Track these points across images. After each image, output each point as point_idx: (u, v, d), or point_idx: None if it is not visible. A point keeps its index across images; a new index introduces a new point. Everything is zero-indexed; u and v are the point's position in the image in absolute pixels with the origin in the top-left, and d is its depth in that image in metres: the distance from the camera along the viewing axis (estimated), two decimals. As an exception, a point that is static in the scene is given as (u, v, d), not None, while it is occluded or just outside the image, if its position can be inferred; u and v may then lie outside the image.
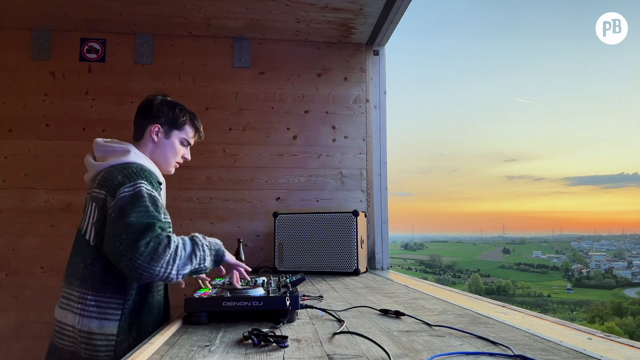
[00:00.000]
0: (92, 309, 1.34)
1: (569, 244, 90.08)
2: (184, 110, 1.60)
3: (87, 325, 1.34)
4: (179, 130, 1.58)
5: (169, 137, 1.56)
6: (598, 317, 36.80)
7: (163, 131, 1.55)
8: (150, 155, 1.55)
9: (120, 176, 1.35)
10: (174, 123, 1.56)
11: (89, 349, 1.33)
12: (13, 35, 3.13)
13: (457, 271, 71.08)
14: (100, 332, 1.33)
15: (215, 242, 1.41)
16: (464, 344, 1.04)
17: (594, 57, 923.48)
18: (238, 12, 2.97)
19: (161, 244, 1.24)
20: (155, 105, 1.55)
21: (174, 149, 1.58)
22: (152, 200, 1.33)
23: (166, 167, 1.59)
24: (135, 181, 1.34)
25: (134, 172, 1.37)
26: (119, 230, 1.26)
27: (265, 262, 2.96)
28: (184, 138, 1.60)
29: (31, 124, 3.08)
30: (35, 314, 2.87)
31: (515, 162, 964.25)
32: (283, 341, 1.02)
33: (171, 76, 3.23)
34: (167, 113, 1.56)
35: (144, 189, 1.33)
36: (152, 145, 1.55)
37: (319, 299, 1.72)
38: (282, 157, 3.28)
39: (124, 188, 1.32)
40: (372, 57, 3.43)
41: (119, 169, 1.39)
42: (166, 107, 1.56)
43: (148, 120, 1.55)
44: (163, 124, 1.55)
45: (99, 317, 1.34)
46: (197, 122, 1.63)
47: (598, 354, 0.96)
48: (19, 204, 3.02)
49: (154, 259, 1.22)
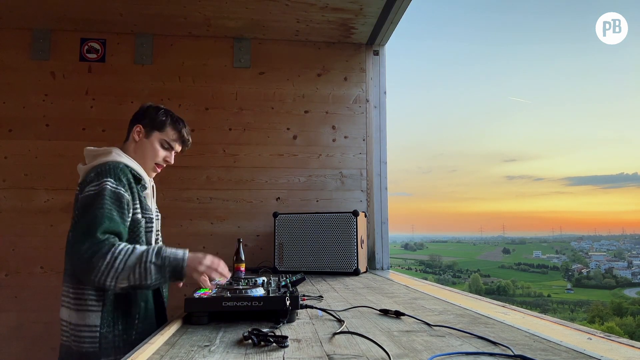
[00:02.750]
0: (74, 300, 1.40)
1: (569, 244, 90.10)
2: (167, 113, 1.63)
3: (73, 317, 1.40)
4: (159, 132, 1.61)
5: (149, 137, 1.60)
6: (598, 317, 36.80)
7: (144, 132, 1.60)
8: (133, 155, 1.58)
9: (93, 174, 1.42)
10: (154, 123, 1.60)
11: (77, 341, 1.38)
12: (13, 35, 3.13)
13: (457, 271, 71.07)
14: (85, 324, 1.38)
15: (175, 257, 1.32)
16: (464, 344, 1.04)
17: (594, 57, 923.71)
18: (238, 12, 2.97)
19: (98, 252, 1.26)
20: (143, 108, 1.64)
21: (153, 149, 1.60)
22: (114, 196, 1.37)
23: (144, 167, 1.60)
24: (101, 179, 1.39)
25: (105, 170, 1.41)
26: (75, 227, 1.35)
27: (265, 262, 2.96)
28: (164, 139, 1.61)
29: (31, 124, 3.08)
30: (35, 314, 2.87)
31: (515, 162, 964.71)
32: (283, 341, 1.02)
33: (171, 76, 3.23)
34: (151, 114, 1.61)
35: (108, 187, 1.37)
36: (134, 144, 1.60)
37: (319, 299, 1.72)
38: (282, 157, 3.28)
39: (90, 186, 1.38)
40: (372, 57, 3.43)
41: (95, 168, 1.45)
42: (152, 109, 1.63)
43: (134, 122, 1.62)
44: (145, 124, 1.60)
45: (81, 309, 1.39)
46: (179, 126, 1.64)
47: (598, 354, 0.96)
48: (19, 204, 3.02)
49: (90, 266, 1.25)
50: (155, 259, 1.30)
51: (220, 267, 1.35)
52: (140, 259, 1.29)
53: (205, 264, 1.35)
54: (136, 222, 1.47)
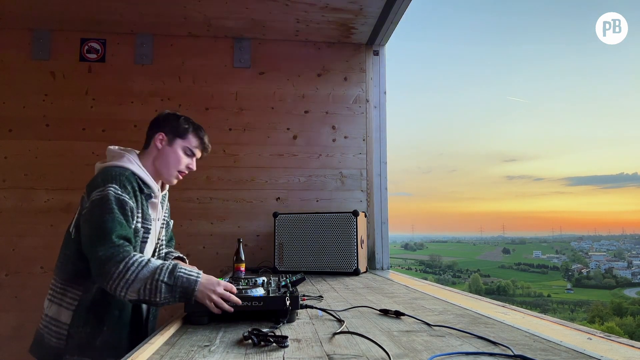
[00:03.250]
0: (55, 294, 1.45)
1: (568, 244, 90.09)
2: (188, 121, 1.64)
3: (51, 309, 1.44)
4: (182, 139, 1.61)
5: (172, 145, 1.60)
6: (598, 317, 36.79)
7: (167, 139, 1.60)
8: (153, 163, 1.59)
9: (100, 178, 1.42)
10: (177, 131, 1.61)
11: (48, 333, 1.43)
12: (13, 35, 3.13)
13: (457, 271, 71.06)
14: (57, 319, 1.42)
15: (187, 279, 1.26)
16: (464, 344, 1.04)
17: (594, 57, 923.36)
18: (238, 12, 2.97)
19: (113, 259, 1.26)
20: (162, 116, 1.64)
21: (177, 156, 1.61)
22: (118, 203, 1.37)
23: (167, 176, 1.62)
24: (106, 185, 1.39)
25: (111, 176, 1.42)
26: (87, 231, 1.36)
27: (265, 262, 2.96)
28: (187, 147, 1.63)
29: (31, 124, 3.08)
30: (35, 314, 2.83)
31: (515, 162, 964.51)
32: (283, 341, 1.02)
33: (171, 76, 3.23)
34: (172, 122, 1.61)
35: (112, 192, 1.37)
36: (155, 152, 1.60)
37: (319, 299, 1.72)
38: (282, 157, 3.28)
39: (97, 191, 1.39)
40: (372, 57, 3.43)
41: (103, 171, 1.46)
42: (171, 117, 1.63)
43: (154, 130, 1.61)
44: (167, 132, 1.60)
45: (58, 303, 1.43)
46: (200, 133, 1.66)
47: (598, 354, 0.96)
48: (19, 204, 3.02)
49: (104, 271, 1.27)
50: (167, 278, 1.25)
51: (233, 298, 1.26)
52: (152, 275, 1.25)
53: (219, 292, 1.26)
54: (135, 231, 1.45)
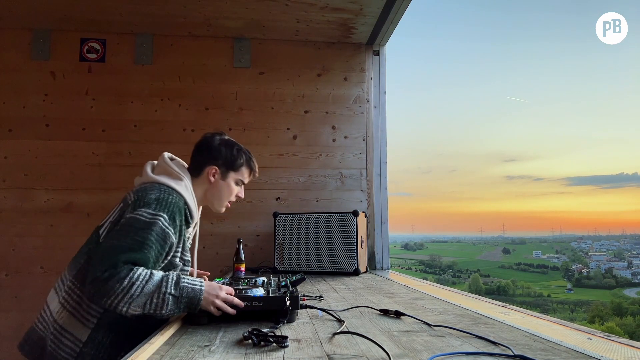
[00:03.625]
0: (73, 303, 1.33)
1: (569, 244, 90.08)
2: (241, 151, 1.63)
3: (63, 318, 1.33)
4: (235, 172, 1.61)
5: (226, 179, 1.59)
6: (598, 317, 36.78)
7: (220, 173, 1.58)
8: (204, 194, 1.57)
9: (153, 197, 1.35)
10: (231, 165, 1.59)
11: (54, 342, 1.31)
12: (13, 35, 3.13)
13: (457, 271, 71.05)
14: (72, 333, 1.31)
15: (192, 289, 1.24)
16: (464, 344, 1.04)
17: (594, 57, 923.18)
18: (238, 12, 2.97)
19: (115, 276, 1.17)
20: (214, 146, 1.59)
21: (230, 189, 1.61)
22: (162, 235, 1.30)
23: (218, 207, 1.61)
24: (157, 211, 1.32)
25: (166, 203, 1.36)
26: (113, 241, 1.26)
27: (265, 262, 2.96)
28: (239, 179, 1.63)
29: (31, 124, 3.08)
30: (35, 314, 2.85)
31: (515, 162, 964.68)
32: (283, 341, 1.02)
33: (171, 76, 3.23)
34: (226, 154, 1.58)
35: (160, 223, 1.31)
36: (208, 185, 1.57)
37: (319, 299, 1.72)
38: (282, 157, 3.28)
39: (145, 210, 1.31)
40: (372, 57, 3.43)
41: (159, 190, 1.39)
42: (224, 148, 1.59)
43: (206, 160, 1.57)
44: (220, 165, 1.58)
45: (75, 315, 1.32)
46: (252, 163, 1.67)
47: (598, 354, 0.96)
48: (19, 204, 3.02)
49: (105, 289, 1.17)
50: (173, 289, 1.22)
51: (235, 300, 1.27)
52: (158, 287, 1.21)
53: (222, 296, 1.26)
54: (173, 265, 1.41)
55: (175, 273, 1.28)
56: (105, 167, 3.10)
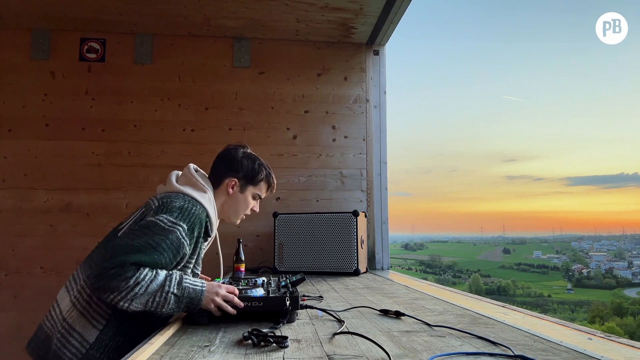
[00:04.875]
0: (84, 302, 1.32)
1: (569, 244, 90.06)
2: (262, 166, 1.64)
3: (73, 317, 1.32)
4: (254, 186, 1.63)
5: (244, 192, 1.61)
6: (598, 317, 36.78)
7: (239, 185, 1.60)
8: (222, 206, 1.58)
9: (177, 205, 1.36)
10: (251, 179, 1.61)
11: (60, 342, 1.30)
12: (13, 35, 3.13)
13: (458, 271, 71.05)
14: (80, 333, 1.30)
15: (193, 289, 1.26)
16: (464, 344, 1.04)
17: (594, 56, 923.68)
18: (238, 12, 2.97)
19: (122, 275, 1.17)
20: (238, 159, 1.61)
21: (246, 202, 1.63)
22: (177, 243, 1.30)
23: (234, 218, 1.64)
24: (178, 220, 1.32)
25: (189, 213, 1.36)
26: (128, 239, 1.26)
27: (265, 262, 2.96)
28: (257, 193, 1.65)
29: (31, 124, 3.08)
30: (35, 314, 2.84)
31: (515, 162, 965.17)
32: (283, 341, 1.02)
33: (171, 76, 3.23)
34: (247, 168, 1.60)
35: (178, 233, 1.31)
36: (226, 197, 1.59)
37: (319, 299, 1.72)
38: (282, 157, 3.27)
39: (167, 216, 1.32)
40: (372, 57, 3.43)
41: (183, 200, 1.40)
42: (247, 161, 1.62)
43: (227, 171, 1.59)
44: (240, 178, 1.60)
45: (85, 315, 1.31)
46: (272, 179, 1.68)
47: (598, 354, 0.96)
48: (19, 204, 3.02)
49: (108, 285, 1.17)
50: (176, 289, 1.23)
51: (236, 299, 1.28)
52: (162, 287, 1.22)
53: (222, 294, 1.28)
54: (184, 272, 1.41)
55: (179, 273, 1.28)
56: (104, 167, 3.09)
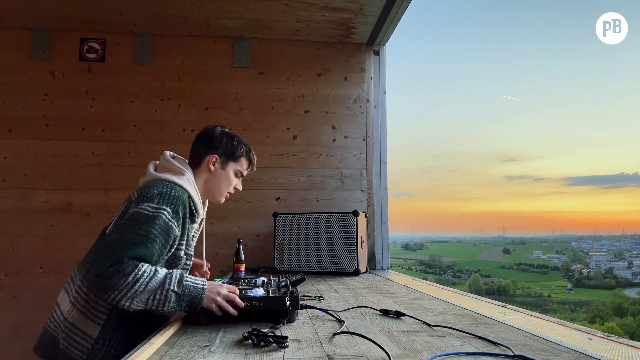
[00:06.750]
0: (82, 301, 1.35)
1: (569, 244, 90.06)
2: (241, 143, 1.65)
3: (74, 316, 1.34)
4: (234, 162, 1.63)
5: (225, 168, 1.61)
6: (598, 317, 36.78)
7: (220, 162, 1.60)
8: (205, 184, 1.58)
9: (156, 192, 1.37)
10: (231, 155, 1.61)
11: (66, 341, 1.33)
12: (13, 35, 3.13)
13: (458, 271, 71.04)
14: (83, 330, 1.33)
15: (195, 288, 1.25)
16: (464, 344, 1.04)
17: (594, 57, 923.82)
18: (238, 12, 2.97)
19: (121, 272, 1.17)
20: (215, 136, 1.60)
21: (229, 179, 1.62)
22: (165, 228, 1.31)
23: (218, 196, 1.63)
24: (160, 205, 1.33)
25: (168, 196, 1.36)
26: (117, 235, 1.27)
27: (265, 262, 2.96)
28: (239, 169, 1.65)
29: (31, 124, 3.08)
30: (35, 314, 2.86)
31: (515, 162, 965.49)
32: (283, 341, 1.01)
33: (171, 76, 3.23)
34: (226, 144, 1.60)
35: (163, 217, 1.32)
36: (207, 174, 1.59)
37: (319, 299, 1.72)
38: (282, 157, 3.27)
39: (148, 204, 1.32)
40: (372, 57, 3.43)
41: (162, 185, 1.40)
42: (225, 138, 1.61)
43: (207, 149, 1.59)
44: (221, 155, 1.60)
45: (85, 313, 1.34)
46: (252, 155, 1.69)
47: (598, 354, 0.95)
48: (19, 204, 3.02)
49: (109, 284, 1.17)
50: (177, 287, 1.23)
51: (237, 299, 1.27)
52: (162, 284, 1.22)
53: (223, 293, 1.27)
54: (177, 257, 1.42)
55: (179, 271, 1.29)
56: (104, 167, 3.09)
